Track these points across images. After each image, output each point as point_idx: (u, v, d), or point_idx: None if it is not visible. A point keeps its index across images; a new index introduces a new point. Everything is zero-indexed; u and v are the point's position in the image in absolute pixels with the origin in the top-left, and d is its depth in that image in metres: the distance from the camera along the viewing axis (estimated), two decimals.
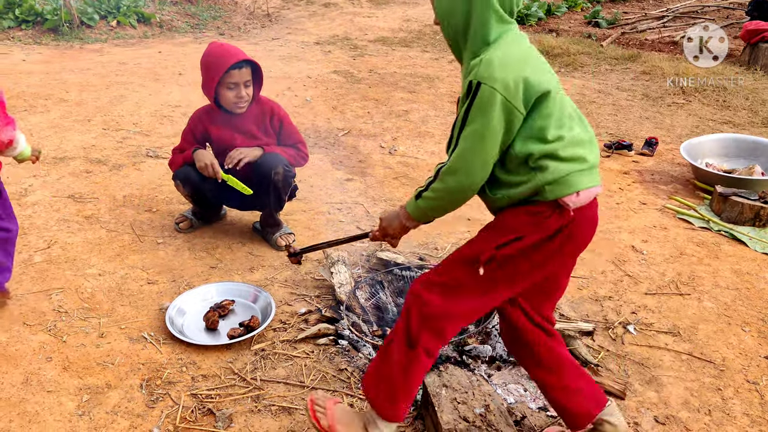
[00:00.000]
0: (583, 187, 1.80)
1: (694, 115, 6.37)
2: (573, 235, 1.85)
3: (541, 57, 1.89)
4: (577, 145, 1.83)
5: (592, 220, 1.92)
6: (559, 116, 1.81)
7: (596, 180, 1.86)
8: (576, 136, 1.84)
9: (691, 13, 11.22)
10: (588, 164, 1.84)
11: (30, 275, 3.06)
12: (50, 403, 2.29)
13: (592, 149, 1.87)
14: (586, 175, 1.82)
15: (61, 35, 8.61)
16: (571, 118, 1.87)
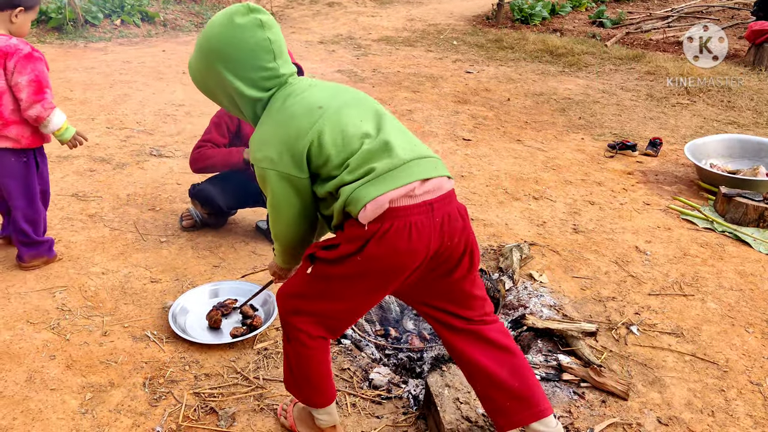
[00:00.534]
0: (369, 199, 1.67)
1: (699, 115, 6.36)
2: (384, 243, 1.69)
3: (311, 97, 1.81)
4: (365, 160, 1.73)
5: (411, 224, 1.70)
6: (338, 145, 1.74)
7: (389, 184, 1.69)
8: (363, 152, 1.74)
9: (695, 13, 11.20)
10: (376, 173, 1.70)
11: (34, 273, 3.07)
12: (53, 401, 2.29)
13: (386, 154, 1.73)
14: (373, 184, 1.69)
15: (66, 34, 8.63)
16: (355, 135, 1.76)
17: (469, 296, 1.91)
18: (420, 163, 1.75)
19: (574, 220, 4.01)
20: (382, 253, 1.70)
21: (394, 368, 2.58)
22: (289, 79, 1.88)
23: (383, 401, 2.39)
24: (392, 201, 1.68)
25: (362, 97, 1.92)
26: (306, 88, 1.85)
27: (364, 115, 1.83)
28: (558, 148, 5.37)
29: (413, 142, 1.84)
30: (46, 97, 2.79)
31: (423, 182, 1.72)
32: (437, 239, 1.74)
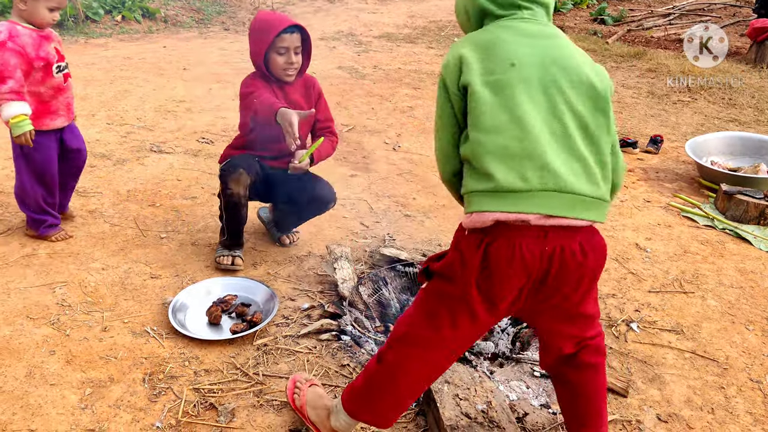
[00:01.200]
0: (478, 209, 1.62)
1: (700, 113, 6.35)
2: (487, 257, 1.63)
3: (529, 48, 1.68)
4: (489, 155, 1.62)
5: (516, 245, 1.61)
6: (484, 112, 1.63)
7: (502, 205, 1.59)
8: (495, 143, 1.61)
9: (697, 10, 11.19)
10: (492, 185, 1.60)
11: (34, 269, 3.07)
12: (53, 397, 2.29)
13: (512, 165, 1.60)
14: (486, 197, 1.62)
15: (66, 30, 8.62)
16: (513, 123, 1.61)
17: (582, 317, 1.83)
18: (553, 198, 1.60)
19: None
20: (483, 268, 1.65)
21: None
22: (526, 9, 1.74)
23: None
24: (500, 220, 1.60)
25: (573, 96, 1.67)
26: (526, 33, 1.71)
27: (540, 108, 1.64)
28: None
29: (569, 166, 1.62)
30: (1, 86, 2.86)
31: (546, 217, 1.60)
32: (542, 269, 1.64)
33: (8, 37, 2.85)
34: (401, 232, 3.70)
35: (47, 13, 2.90)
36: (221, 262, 3.16)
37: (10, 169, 4.14)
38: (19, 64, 2.87)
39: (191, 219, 3.69)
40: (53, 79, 3.04)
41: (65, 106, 3.16)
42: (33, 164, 3.15)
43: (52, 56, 3.00)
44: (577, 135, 1.65)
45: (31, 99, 3.00)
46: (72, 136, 3.30)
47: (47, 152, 3.16)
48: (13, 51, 2.85)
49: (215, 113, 5.64)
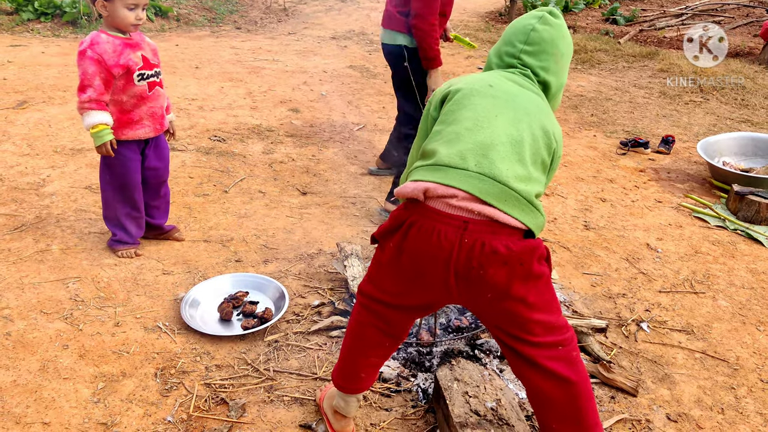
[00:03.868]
0: (413, 179, 1.74)
1: (712, 113, 6.32)
2: (408, 236, 1.71)
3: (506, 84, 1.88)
4: (442, 139, 1.77)
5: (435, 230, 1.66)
6: (450, 111, 1.83)
7: (434, 176, 1.69)
8: (450, 131, 1.78)
9: (710, 11, 11.12)
10: (433, 160, 1.73)
11: (47, 264, 3.10)
12: (66, 390, 2.32)
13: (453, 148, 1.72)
14: (423, 170, 1.73)
15: (80, 28, 8.68)
16: (472, 119, 1.76)
17: (527, 321, 1.74)
18: (485, 182, 1.65)
19: (585, 217, 4.00)
20: (405, 250, 1.73)
21: (403, 362, 2.58)
22: (518, 69, 1.95)
23: (392, 394, 2.40)
24: (427, 193, 1.67)
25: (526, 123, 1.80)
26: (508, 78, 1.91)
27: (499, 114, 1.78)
28: (570, 144, 5.35)
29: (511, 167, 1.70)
30: (81, 95, 2.84)
31: (471, 198, 1.65)
32: (463, 261, 1.65)
33: (89, 46, 2.81)
34: None
35: (128, 13, 2.82)
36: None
37: (25, 166, 4.18)
38: (97, 72, 2.82)
39: (203, 216, 3.72)
40: (135, 88, 2.94)
41: (149, 115, 3.04)
42: (113, 175, 3.09)
43: (133, 64, 2.91)
44: (528, 153, 1.74)
45: (113, 108, 2.95)
46: (154, 153, 3.19)
47: (127, 163, 3.07)
48: (92, 59, 2.80)
49: (227, 111, 5.66)
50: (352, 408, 2.12)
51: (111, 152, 2.93)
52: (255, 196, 4.04)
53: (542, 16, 1.94)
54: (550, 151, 1.82)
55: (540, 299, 1.74)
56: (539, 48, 1.93)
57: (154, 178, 3.23)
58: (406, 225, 1.72)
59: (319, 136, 5.24)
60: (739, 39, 9.20)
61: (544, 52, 1.93)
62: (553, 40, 1.93)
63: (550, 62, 1.94)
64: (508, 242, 1.64)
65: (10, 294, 2.84)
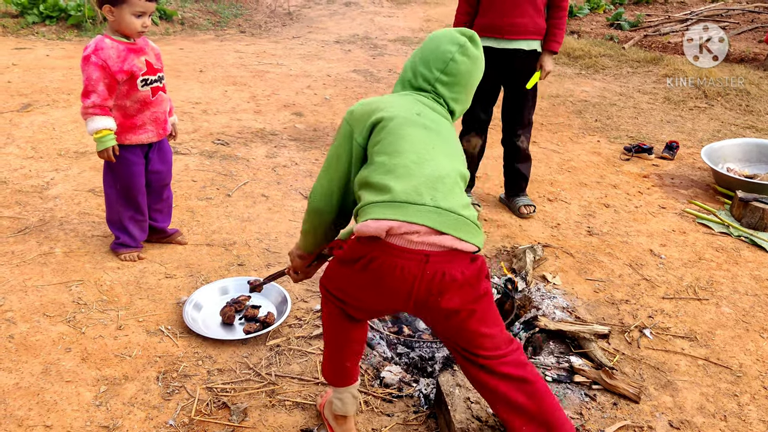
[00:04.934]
0: (372, 217, 1.71)
1: (716, 119, 6.32)
2: (368, 271, 1.75)
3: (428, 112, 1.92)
4: (390, 173, 1.76)
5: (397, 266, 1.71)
6: (388, 143, 1.81)
7: (393, 214, 1.69)
8: (395, 163, 1.77)
9: (715, 16, 11.12)
10: (389, 196, 1.72)
11: (50, 267, 3.10)
12: (68, 393, 2.32)
13: (407, 182, 1.74)
14: (381, 207, 1.72)
15: (85, 31, 8.71)
16: (412, 151, 1.79)
17: (477, 335, 1.84)
18: (442, 214, 1.72)
19: (588, 223, 3.99)
20: (364, 280, 1.78)
21: (405, 367, 2.58)
22: (433, 95, 1.99)
23: (394, 399, 2.40)
24: (391, 231, 1.69)
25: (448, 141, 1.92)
26: (427, 104, 1.96)
27: (439, 145, 1.86)
28: (573, 150, 5.35)
29: (457, 197, 1.79)
30: (85, 101, 2.85)
31: (431, 232, 1.70)
32: (423, 291, 1.73)
33: (93, 51, 2.81)
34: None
35: (134, 20, 2.83)
36: None
37: (29, 169, 4.19)
38: (101, 78, 2.83)
39: (206, 219, 3.72)
40: (138, 93, 2.95)
41: (153, 120, 3.06)
42: (117, 179, 3.10)
43: (137, 69, 2.91)
44: (459, 177, 1.85)
45: (116, 113, 2.96)
46: (157, 156, 3.19)
47: (131, 167, 3.08)
48: (96, 65, 2.80)
49: (231, 115, 5.68)
50: (349, 405, 2.11)
51: (113, 158, 2.94)
52: (258, 199, 4.05)
53: (463, 45, 1.95)
54: (466, 180, 1.91)
55: (486, 315, 1.84)
56: (454, 80, 1.97)
57: (157, 181, 3.24)
58: (366, 259, 1.74)
59: (322, 140, 5.25)
60: (744, 45, 9.19)
61: (459, 84, 1.98)
62: (469, 73, 1.98)
63: (462, 94, 2.01)
64: (463, 268, 1.75)
65: (13, 297, 2.84)
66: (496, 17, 3.67)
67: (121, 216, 3.18)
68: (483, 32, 3.73)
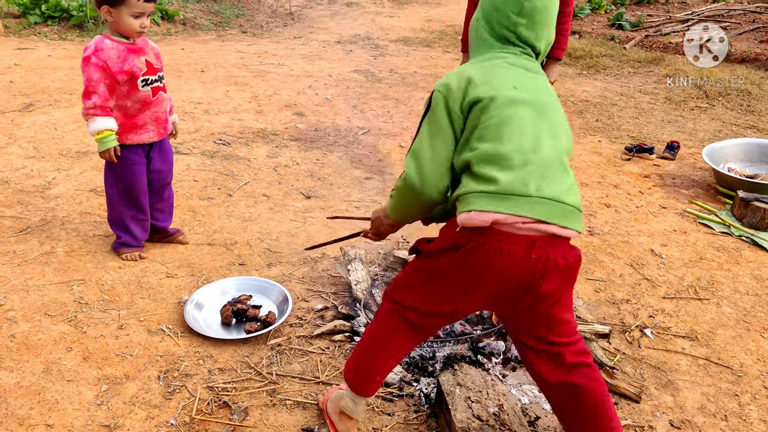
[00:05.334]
0: (476, 208, 1.69)
1: (717, 119, 6.31)
2: (471, 257, 1.73)
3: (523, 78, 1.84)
4: (494, 161, 1.72)
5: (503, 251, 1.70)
6: (489, 126, 1.75)
7: (500, 206, 1.68)
8: (499, 151, 1.72)
9: (716, 16, 11.11)
10: (495, 187, 1.69)
11: (52, 266, 3.11)
12: (69, 392, 2.32)
13: (521, 173, 1.71)
14: (485, 198, 1.69)
15: (87, 31, 8.71)
16: (517, 135, 1.75)
17: (558, 321, 1.86)
18: (547, 204, 1.70)
19: (589, 223, 3.99)
20: (461, 269, 1.76)
21: (405, 366, 2.58)
22: (518, 47, 1.90)
23: (395, 399, 2.40)
24: (496, 224, 1.68)
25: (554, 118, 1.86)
26: (521, 66, 1.87)
27: (544, 126, 1.80)
28: (574, 150, 5.35)
29: (561, 181, 1.76)
30: (86, 101, 2.86)
31: (538, 222, 1.69)
32: (526, 275, 1.73)
33: (93, 52, 2.82)
34: (415, 234, 3.71)
35: (132, 21, 2.84)
36: None
37: (31, 168, 4.20)
38: (102, 79, 2.83)
39: (207, 219, 3.73)
40: (139, 93, 2.96)
41: (154, 120, 3.06)
42: (119, 179, 3.10)
43: (137, 69, 2.92)
44: (563, 154, 1.83)
45: (117, 113, 2.96)
46: (158, 156, 3.20)
47: (132, 167, 3.09)
48: (96, 66, 2.81)
49: (232, 115, 5.68)
50: (361, 410, 2.11)
51: (114, 158, 2.95)
52: (259, 199, 4.05)
53: None
54: (571, 142, 1.90)
55: (569, 301, 1.90)
56: (533, 20, 1.87)
57: (158, 180, 3.24)
58: (468, 247, 1.72)
59: (323, 140, 5.25)
60: (745, 45, 9.18)
61: (538, 23, 1.88)
62: (546, 8, 1.88)
63: (543, 31, 1.90)
64: (564, 253, 1.77)
65: (14, 296, 2.85)
66: None
67: (123, 216, 3.18)
68: None
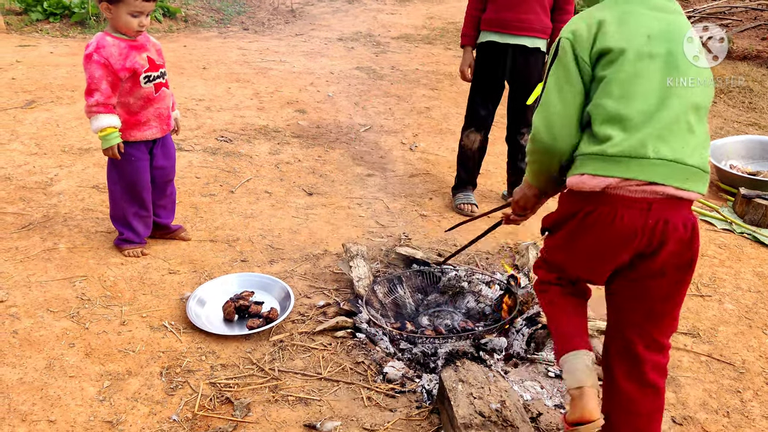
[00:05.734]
0: (588, 171, 1.65)
1: (719, 116, 6.30)
2: (585, 224, 1.70)
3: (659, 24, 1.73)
4: (616, 121, 1.65)
5: (617, 216, 1.65)
6: (616, 81, 1.66)
7: (614, 170, 1.63)
8: (622, 111, 1.65)
9: (717, 13, 11.08)
10: (613, 149, 1.63)
11: (54, 262, 3.11)
12: (72, 388, 2.33)
13: (634, 134, 1.64)
14: (599, 160, 1.65)
15: (88, 28, 8.71)
16: (642, 95, 1.66)
17: (669, 317, 1.83)
18: (666, 166, 1.64)
19: None
20: (581, 232, 1.73)
21: (408, 363, 2.59)
22: None
23: (397, 395, 2.40)
24: (609, 188, 1.64)
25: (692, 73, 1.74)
26: (656, 7, 1.77)
27: (669, 83, 1.70)
28: None
29: (686, 140, 1.67)
30: (88, 99, 2.87)
31: (652, 184, 1.63)
32: (645, 241, 1.67)
33: (95, 50, 2.83)
34: (417, 231, 3.71)
35: (131, 19, 2.85)
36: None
37: (33, 165, 4.20)
38: (104, 76, 2.84)
39: (209, 216, 3.73)
40: (141, 90, 2.97)
41: (156, 116, 3.07)
42: (122, 175, 3.11)
43: (139, 66, 2.92)
44: (691, 111, 1.70)
45: (120, 110, 2.97)
46: (161, 152, 3.20)
47: (136, 164, 3.09)
48: (98, 63, 2.82)
49: (234, 112, 5.68)
50: (581, 370, 1.81)
51: (118, 155, 2.96)
52: (261, 196, 4.05)
53: None
54: (708, 85, 1.77)
55: (683, 294, 1.84)
56: None
57: (161, 177, 3.25)
58: (582, 213, 1.69)
59: (325, 137, 5.25)
60: (747, 42, 9.16)
61: None
62: None
63: None
64: (684, 218, 1.69)
65: (17, 292, 2.85)
66: (503, 12, 3.67)
67: (126, 212, 3.18)
68: (488, 26, 3.73)
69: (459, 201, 4.05)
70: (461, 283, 3.07)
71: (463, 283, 3.08)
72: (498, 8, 3.69)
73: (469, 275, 3.12)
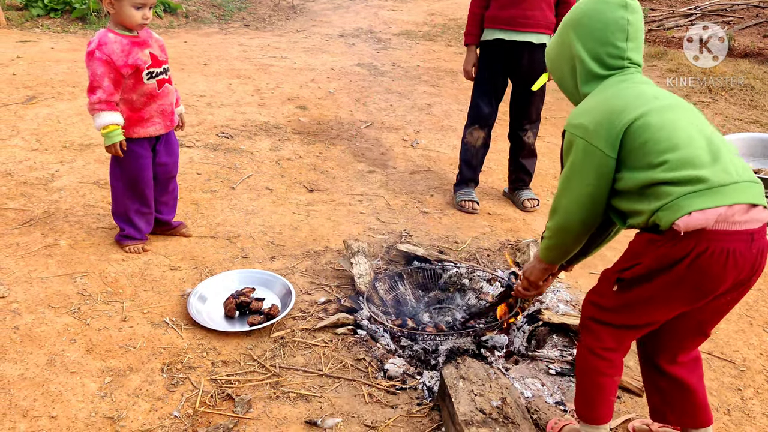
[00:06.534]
0: (695, 208, 1.62)
1: (721, 114, 6.30)
2: (696, 266, 1.66)
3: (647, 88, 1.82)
4: (689, 163, 1.66)
5: (729, 252, 1.65)
6: (659, 139, 1.69)
7: (718, 200, 1.63)
8: (685, 156, 1.67)
9: (719, 11, 11.07)
10: (705, 185, 1.64)
11: (55, 258, 3.11)
12: (73, 384, 2.33)
13: (716, 166, 1.66)
14: (699, 196, 1.63)
15: (89, 24, 8.71)
16: (685, 131, 1.71)
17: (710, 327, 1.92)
18: (748, 186, 1.67)
19: None
20: (691, 276, 1.68)
21: (408, 359, 2.59)
22: (631, 68, 1.88)
23: (398, 392, 2.40)
24: (719, 218, 1.63)
25: (697, 112, 1.82)
26: (644, 81, 1.86)
27: (696, 121, 1.76)
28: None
29: (741, 162, 1.73)
30: (91, 96, 2.86)
31: (748, 208, 1.65)
32: (748, 271, 1.70)
33: (97, 46, 2.81)
34: (418, 228, 3.71)
35: (134, 12, 2.83)
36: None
37: (34, 161, 4.20)
38: (106, 73, 2.83)
39: (210, 212, 3.73)
40: (144, 86, 2.95)
41: (160, 113, 3.07)
42: (125, 172, 3.10)
43: (142, 62, 2.91)
44: (716, 136, 1.76)
45: (123, 107, 2.96)
46: (164, 149, 3.20)
47: (139, 160, 3.08)
48: (100, 60, 2.80)
49: (235, 108, 5.68)
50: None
51: (120, 153, 2.95)
52: (262, 192, 4.05)
53: (626, 4, 1.84)
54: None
55: None
56: (638, 42, 1.87)
57: (163, 173, 3.24)
58: (692, 255, 1.65)
59: (326, 133, 5.25)
60: (749, 39, 9.15)
61: (639, 40, 1.88)
62: (641, 25, 1.87)
63: (641, 48, 1.89)
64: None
65: (18, 288, 2.85)
66: (508, 9, 3.66)
67: (128, 209, 3.18)
68: (493, 24, 3.72)
69: (460, 198, 4.05)
70: (462, 280, 3.07)
71: (464, 280, 3.08)
72: (502, 5, 3.68)
73: (470, 272, 3.12)
